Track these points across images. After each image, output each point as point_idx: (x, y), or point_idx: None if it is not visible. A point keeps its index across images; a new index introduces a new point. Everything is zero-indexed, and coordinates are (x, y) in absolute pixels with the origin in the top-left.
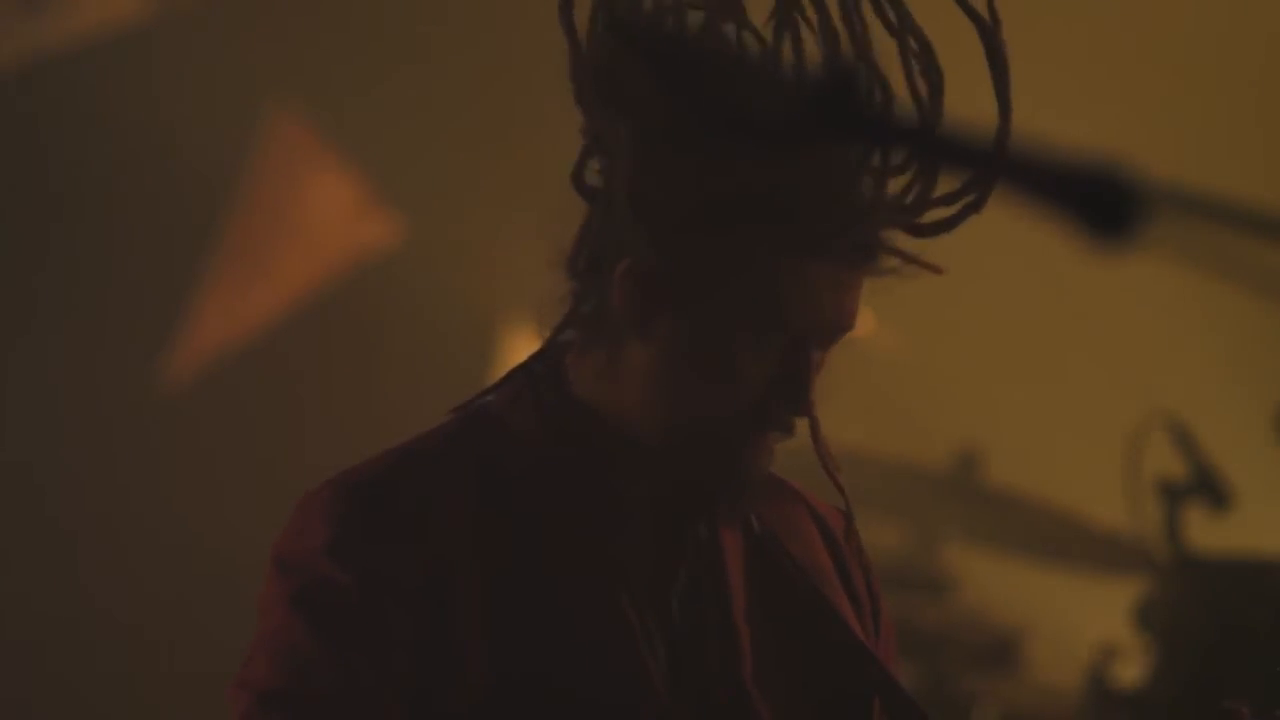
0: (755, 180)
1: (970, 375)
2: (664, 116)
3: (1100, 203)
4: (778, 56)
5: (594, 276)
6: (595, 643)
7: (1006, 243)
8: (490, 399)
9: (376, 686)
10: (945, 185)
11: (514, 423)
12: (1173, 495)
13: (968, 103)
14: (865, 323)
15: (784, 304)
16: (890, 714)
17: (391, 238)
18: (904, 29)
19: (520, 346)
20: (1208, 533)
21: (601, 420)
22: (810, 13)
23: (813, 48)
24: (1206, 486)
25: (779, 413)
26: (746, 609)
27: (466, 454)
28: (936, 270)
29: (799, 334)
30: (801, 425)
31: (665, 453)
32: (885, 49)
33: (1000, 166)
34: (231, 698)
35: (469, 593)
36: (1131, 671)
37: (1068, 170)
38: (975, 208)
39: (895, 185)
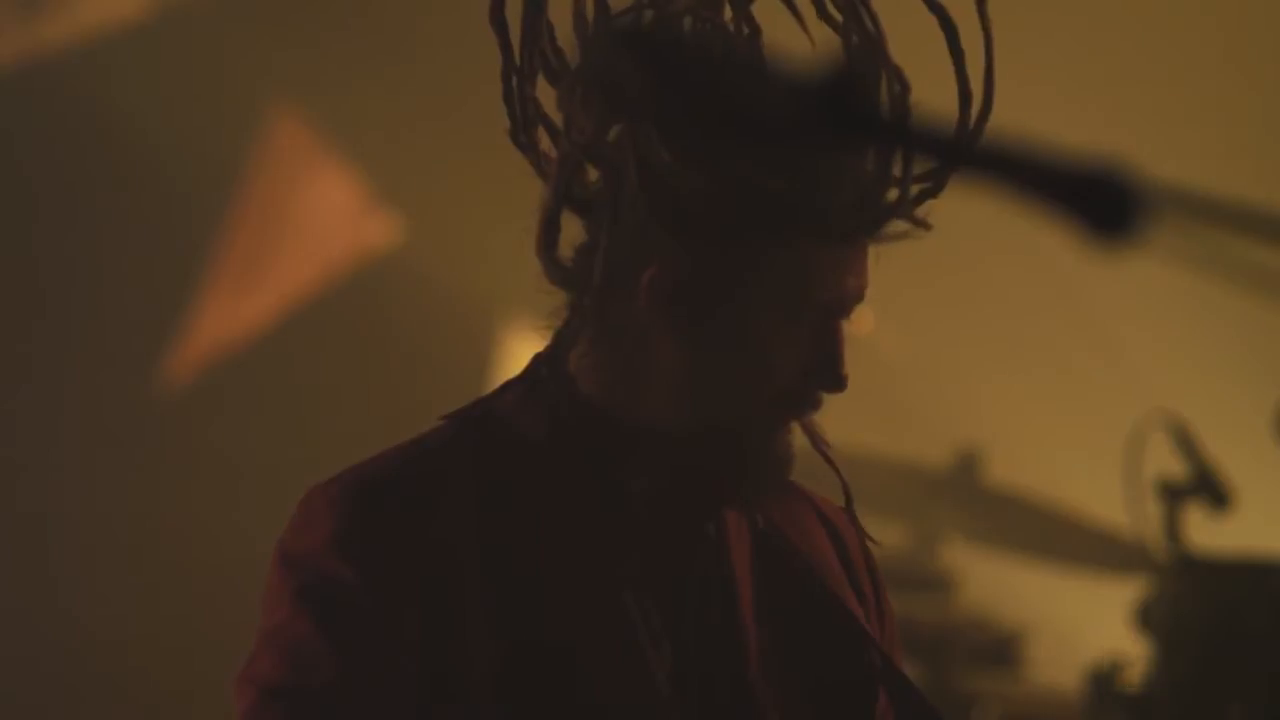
0: (765, 178)
1: (970, 375)
2: (668, 119)
3: (1101, 202)
4: (778, 53)
5: (610, 286)
6: (599, 642)
7: (1007, 243)
8: (495, 402)
9: (380, 683)
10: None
11: (521, 424)
12: (1173, 495)
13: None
14: (865, 323)
15: (810, 285)
16: (897, 710)
17: (391, 238)
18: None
19: (520, 346)
20: (1208, 533)
21: (615, 421)
22: (832, 9)
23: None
24: (1206, 486)
25: (813, 391)
26: (753, 606)
27: (472, 453)
28: (928, 227)
29: (826, 310)
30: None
31: (694, 448)
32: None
33: (980, 160)
34: (235, 694)
35: (473, 590)
36: (1131, 671)
37: (1069, 170)
38: (932, 194)
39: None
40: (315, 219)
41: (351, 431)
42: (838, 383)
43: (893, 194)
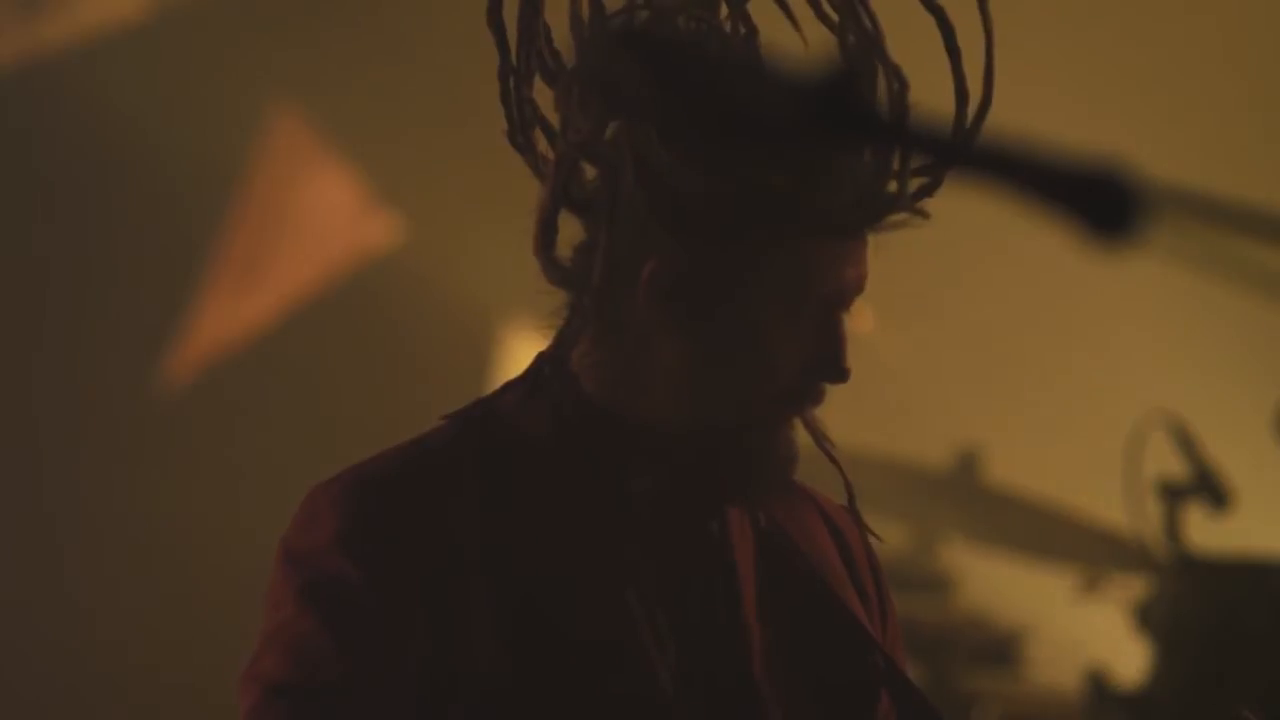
0: (763, 177)
1: (970, 375)
2: (665, 118)
3: (1101, 202)
4: (776, 53)
5: (610, 285)
6: (602, 640)
7: (1007, 243)
8: (496, 401)
9: (385, 680)
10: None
11: (523, 423)
12: (1173, 495)
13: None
14: (865, 323)
15: (810, 280)
16: (900, 710)
17: (391, 238)
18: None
19: (520, 346)
20: (1208, 533)
21: (618, 420)
22: (828, 9)
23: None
24: (1206, 486)
25: (815, 384)
26: (757, 605)
27: (476, 451)
28: (926, 215)
29: (826, 303)
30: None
31: (696, 447)
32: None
33: (979, 159)
34: (240, 691)
35: (476, 589)
36: (1131, 671)
37: (1068, 170)
38: (930, 189)
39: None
40: (315, 219)
41: (351, 431)
42: (840, 374)
43: (892, 186)
